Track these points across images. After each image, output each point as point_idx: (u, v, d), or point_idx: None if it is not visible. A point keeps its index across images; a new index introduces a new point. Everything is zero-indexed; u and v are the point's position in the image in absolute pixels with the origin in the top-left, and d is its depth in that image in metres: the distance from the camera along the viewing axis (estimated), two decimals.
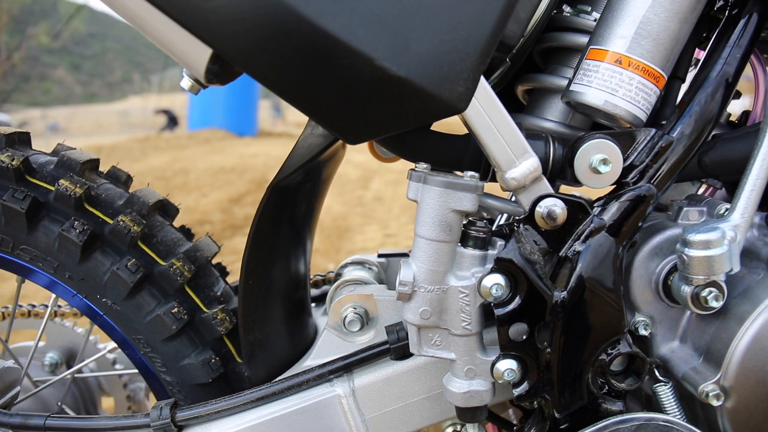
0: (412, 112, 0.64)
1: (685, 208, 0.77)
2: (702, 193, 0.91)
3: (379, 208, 5.04)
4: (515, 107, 0.93)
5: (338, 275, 0.99)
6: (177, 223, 0.99)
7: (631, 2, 0.71)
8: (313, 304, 1.09)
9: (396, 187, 6.05)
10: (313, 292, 1.13)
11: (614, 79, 0.71)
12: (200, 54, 0.61)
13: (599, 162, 0.69)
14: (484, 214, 0.98)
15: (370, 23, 0.59)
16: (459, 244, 0.72)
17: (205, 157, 9.33)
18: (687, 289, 0.71)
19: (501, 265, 0.69)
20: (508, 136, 0.67)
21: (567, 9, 0.85)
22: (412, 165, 0.74)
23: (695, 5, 0.71)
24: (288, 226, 0.87)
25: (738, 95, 0.98)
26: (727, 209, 0.73)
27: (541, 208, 0.69)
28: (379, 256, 1.03)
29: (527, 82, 0.88)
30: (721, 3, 0.78)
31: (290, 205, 0.85)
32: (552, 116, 0.85)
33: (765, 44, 1.07)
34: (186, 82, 0.67)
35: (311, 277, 1.14)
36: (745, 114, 0.90)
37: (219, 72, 0.64)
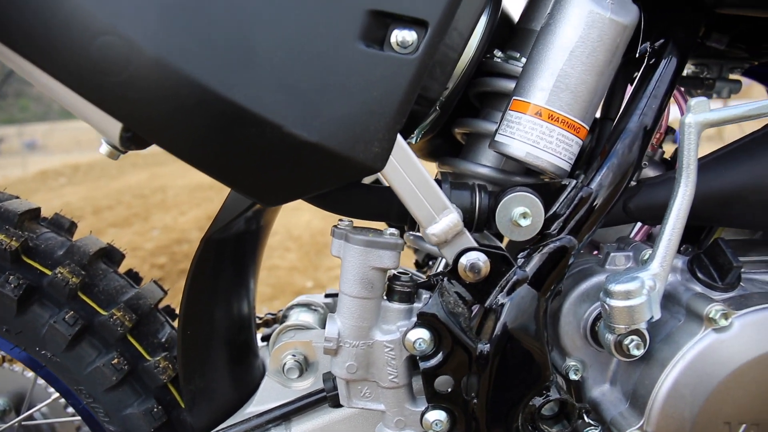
0: (327, 174, 0.65)
1: (612, 254, 0.79)
2: (637, 232, 0.92)
3: (359, 223, 5.03)
4: (456, 149, 0.94)
5: (284, 317, 1.00)
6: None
7: (550, 56, 0.72)
8: (264, 343, 1.09)
9: None
10: (266, 330, 1.14)
11: (535, 131, 0.72)
12: (112, 124, 0.62)
13: (519, 216, 0.70)
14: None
15: (277, 91, 0.60)
16: (385, 297, 0.73)
17: (184, 174, 9.31)
18: (610, 337, 0.72)
19: (424, 320, 0.70)
20: (427, 192, 0.68)
21: (498, 54, 0.86)
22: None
23: (611, 58, 0.72)
24: (227, 274, 0.87)
25: (672, 131, 0.99)
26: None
27: (464, 261, 0.70)
28: (326, 296, 1.03)
29: (461, 126, 0.89)
30: (643, 49, 0.80)
31: (227, 255, 0.85)
32: (486, 161, 0.86)
33: (690, 80, 1.09)
34: (104, 149, 0.67)
35: (261, 316, 1.14)
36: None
37: (134, 139, 0.64)
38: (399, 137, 0.67)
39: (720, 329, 0.69)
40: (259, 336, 1.07)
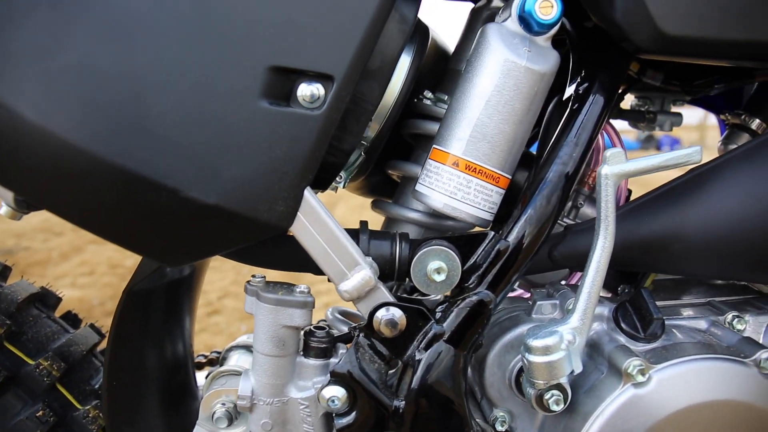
0: (231, 235, 0.64)
1: (538, 302, 0.77)
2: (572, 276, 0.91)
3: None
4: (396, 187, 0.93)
5: (223, 359, 0.98)
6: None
7: (467, 105, 0.71)
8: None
9: (362, 212, 6.02)
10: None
11: (452, 182, 0.71)
12: (4, 190, 0.61)
13: (434, 271, 0.69)
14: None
15: (171, 154, 0.59)
16: (301, 353, 0.71)
17: None
18: (531, 391, 0.70)
19: (337, 378, 0.68)
20: (337, 248, 0.67)
21: (428, 95, 0.85)
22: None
23: (529, 106, 0.71)
24: (156, 322, 0.86)
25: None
26: None
27: (379, 316, 0.69)
28: None
29: (392, 168, 0.88)
30: (568, 92, 0.78)
31: (154, 303, 0.84)
32: (417, 205, 0.85)
33: (632, 114, 1.08)
34: (4, 210, 0.66)
35: (206, 354, 1.13)
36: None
37: (29, 202, 0.63)
38: (307, 193, 0.66)
39: (638, 384, 0.68)
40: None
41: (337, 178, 0.82)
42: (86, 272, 3.75)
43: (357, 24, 0.63)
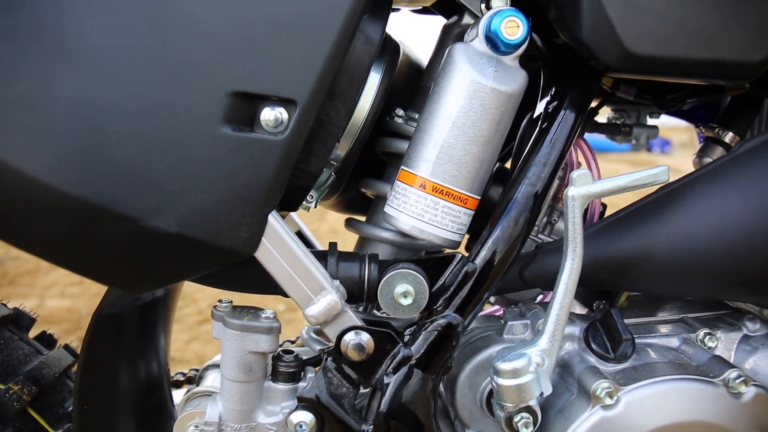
0: (194, 262, 0.63)
1: (509, 323, 0.77)
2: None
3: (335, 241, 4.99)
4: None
5: (199, 378, 0.98)
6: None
7: (433, 126, 0.70)
8: None
9: None
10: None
11: (420, 205, 0.71)
12: None
13: (400, 295, 0.68)
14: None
15: (131, 184, 0.58)
16: (269, 377, 0.71)
17: None
18: (501, 414, 0.70)
19: (304, 403, 0.68)
20: (303, 273, 0.66)
21: (399, 113, 0.85)
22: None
23: (496, 127, 0.70)
24: (129, 343, 0.85)
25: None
26: None
27: (347, 340, 0.68)
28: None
29: (364, 186, 0.88)
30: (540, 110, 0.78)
31: (126, 326, 0.83)
32: (388, 224, 0.84)
33: (608, 127, 1.08)
34: None
35: (185, 372, 1.12)
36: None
37: None
38: (272, 217, 0.65)
39: (607, 407, 0.67)
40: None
41: (308, 198, 0.81)
42: (76, 282, 3.73)
43: (319, 48, 0.62)
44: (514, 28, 0.69)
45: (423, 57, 0.95)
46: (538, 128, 0.75)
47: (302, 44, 0.62)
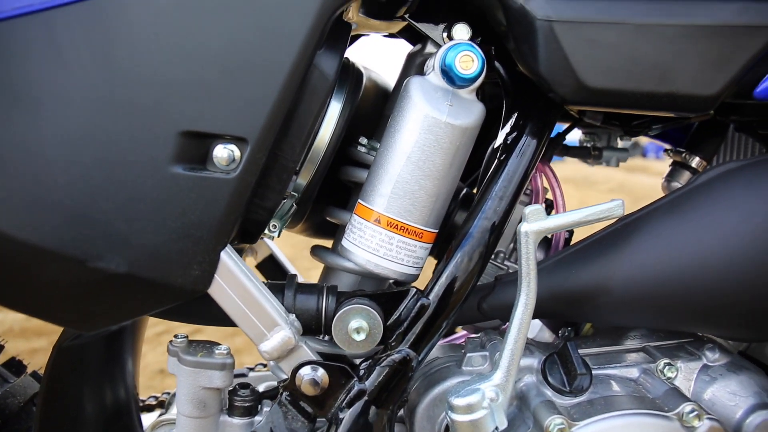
0: (146, 300, 0.63)
1: (468, 354, 0.77)
2: None
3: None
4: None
5: (169, 404, 0.98)
6: None
7: (389, 161, 0.71)
8: None
9: None
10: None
11: (375, 239, 0.71)
12: None
13: (353, 331, 0.68)
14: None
15: (78, 226, 0.58)
16: (226, 412, 0.71)
17: None
18: None
19: None
20: (256, 310, 0.67)
21: (363, 142, 0.85)
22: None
23: (452, 161, 0.71)
24: (93, 371, 0.85)
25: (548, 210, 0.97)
26: None
27: (302, 374, 0.69)
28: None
29: (329, 214, 0.87)
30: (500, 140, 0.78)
31: (90, 354, 0.83)
32: None
33: (578, 150, 1.08)
34: None
35: (158, 396, 1.12)
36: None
37: None
38: (224, 255, 0.65)
39: None
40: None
41: (271, 227, 0.81)
42: None
43: (269, 87, 0.63)
44: (468, 62, 0.70)
45: (392, 82, 0.96)
46: (496, 160, 0.75)
47: (252, 83, 0.62)
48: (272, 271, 1.12)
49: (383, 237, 0.70)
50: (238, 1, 0.61)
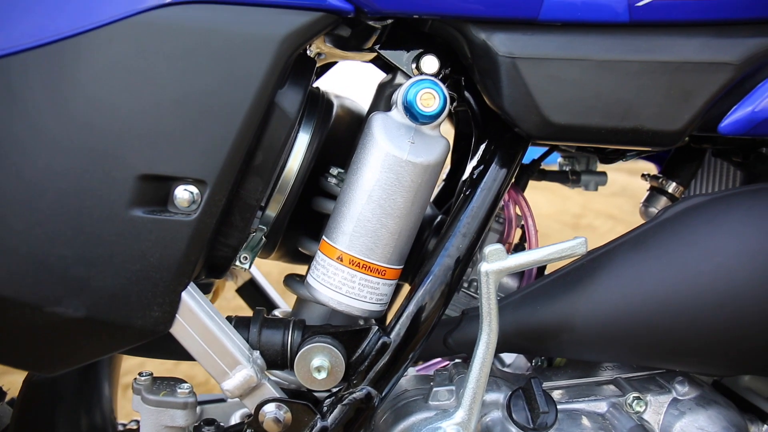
0: (107, 342, 0.64)
1: (434, 389, 0.77)
2: None
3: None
4: None
5: None
6: None
7: (351, 198, 0.71)
8: None
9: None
10: None
11: (337, 277, 0.71)
12: None
13: (315, 369, 0.69)
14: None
15: (33, 272, 0.59)
16: None
17: None
18: None
19: None
20: (218, 349, 0.67)
21: (334, 172, 0.85)
22: None
23: (413, 199, 0.70)
24: (67, 400, 0.86)
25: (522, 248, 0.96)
26: None
27: (265, 412, 0.69)
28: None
29: (301, 245, 0.88)
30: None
31: (63, 385, 0.84)
32: None
33: (556, 175, 1.07)
34: None
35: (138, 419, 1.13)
36: None
37: None
38: (185, 295, 0.66)
39: None
40: None
41: (242, 259, 0.81)
42: None
43: (227, 129, 0.63)
44: (430, 99, 0.70)
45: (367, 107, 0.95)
46: (462, 195, 0.75)
47: (209, 126, 0.63)
48: (252, 295, 1.12)
49: (345, 275, 0.70)
50: (196, 46, 0.62)
